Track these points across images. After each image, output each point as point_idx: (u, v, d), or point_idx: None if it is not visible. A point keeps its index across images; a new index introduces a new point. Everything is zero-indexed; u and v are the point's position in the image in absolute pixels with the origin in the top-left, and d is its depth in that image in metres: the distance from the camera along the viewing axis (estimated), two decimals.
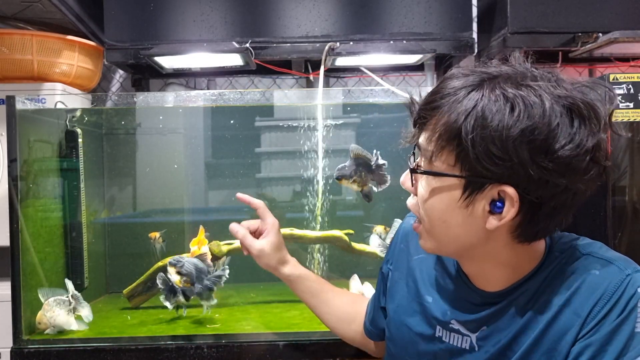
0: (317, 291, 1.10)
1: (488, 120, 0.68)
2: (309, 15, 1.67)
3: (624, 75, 1.28)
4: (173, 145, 1.92)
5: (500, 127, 0.68)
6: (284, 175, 1.86)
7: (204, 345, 1.29)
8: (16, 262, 1.37)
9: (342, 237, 1.60)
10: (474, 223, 0.75)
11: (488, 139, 0.68)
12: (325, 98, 1.57)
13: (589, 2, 1.66)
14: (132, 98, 1.59)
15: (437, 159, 0.74)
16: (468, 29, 1.70)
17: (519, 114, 0.68)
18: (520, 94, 0.69)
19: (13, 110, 1.39)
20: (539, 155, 0.68)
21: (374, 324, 1.04)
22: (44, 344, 1.33)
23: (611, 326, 0.71)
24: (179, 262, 1.38)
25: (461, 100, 0.71)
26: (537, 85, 0.70)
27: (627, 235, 1.50)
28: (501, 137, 0.67)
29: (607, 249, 0.80)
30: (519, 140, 0.67)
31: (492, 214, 0.73)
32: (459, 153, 0.71)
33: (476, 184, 0.72)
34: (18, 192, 1.39)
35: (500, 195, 0.72)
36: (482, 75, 0.73)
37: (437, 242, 0.80)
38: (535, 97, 0.69)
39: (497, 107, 0.68)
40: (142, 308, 1.62)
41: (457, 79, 0.74)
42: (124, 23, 1.67)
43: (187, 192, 1.93)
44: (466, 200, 0.73)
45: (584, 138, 0.69)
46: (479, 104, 0.69)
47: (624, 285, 0.73)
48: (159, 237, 1.73)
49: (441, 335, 0.87)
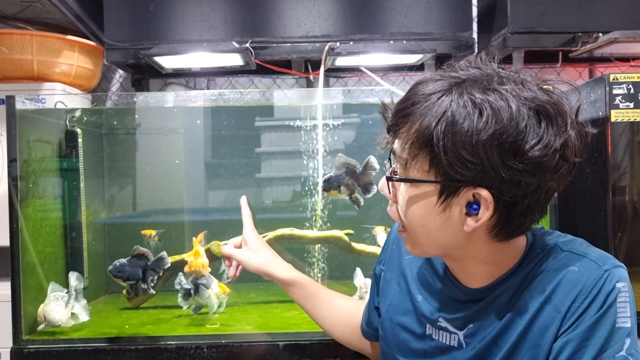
0: (311, 295, 1.11)
1: (458, 126, 0.70)
2: (309, 15, 1.67)
3: (624, 75, 1.28)
4: (173, 145, 1.92)
5: (469, 132, 0.69)
6: (284, 175, 1.86)
7: (204, 345, 1.29)
8: (16, 262, 1.37)
9: (342, 237, 1.60)
10: (452, 226, 0.77)
11: (459, 144, 0.70)
12: (325, 98, 1.57)
13: (589, 2, 1.66)
14: (132, 98, 1.59)
15: (411, 166, 0.76)
16: (468, 29, 1.70)
17: (487, 118, 0.69)
18: (487, 98, 0.70)
19: (13, 110, 1.39)
20: (509, 157, 0.70)
21: (369, 324, 1.06)
22: (44, 344, 1.33)
23: (591, 321, 0.73)
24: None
25: (431, 106, 0.72)
26: (504, 89, 0.71)
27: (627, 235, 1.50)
28: (471, 142, 0.69)
29: (588, 245, 0.82)
30: (489, 144, 0.69)
31: (468, 216, 0.75)
32: (432, 159, 0.73)
33: (451, 188, 0.74)
34: (18, 192, 1.39)
35: (475, 198, 0.74)
36: (450, 80, 0.74)
37: (420, 245, 0.82)
38: (502, 101, 0.70)
39: (465, 113, 0.70)
40: (142, 308, 1.62)
41: (427, 84, 0.75)
42: (124, 23, 1.67)
43: (187, 192, 1.93)
44: (442, 204, 0.75)
45: (552, 138, 0.71)
46: (448, 109, 0.71)
47: (602, 281, 0.74)
48: (155, 235, 1.72)
49: (431, 333, 0.89)
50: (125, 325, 1.46)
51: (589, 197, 1.37)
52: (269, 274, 1.10)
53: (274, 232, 1.59)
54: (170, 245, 1.75)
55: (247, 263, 1.10)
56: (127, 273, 1.37)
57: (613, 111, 1.28)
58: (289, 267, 1.12)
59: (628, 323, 0.73)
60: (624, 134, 1.58)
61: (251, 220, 1.15)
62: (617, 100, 1.28)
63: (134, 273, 1.38)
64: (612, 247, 1.28)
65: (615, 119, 1.28)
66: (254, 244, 1.11)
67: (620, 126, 1.54)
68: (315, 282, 1.13)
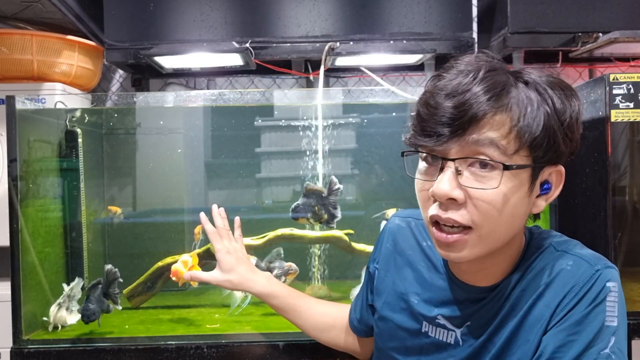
0: (290, 306, 1.11)
1: (562, 112, 0.77)
2: (309, 15, 1.67)
3: (624, 75, 1.28)
4: (173, 145, 1.91)
5: (570, 115, 0.77)
6: (284, 175, 1.85)
7: (204, 345, 1.29)
8: (16, 262, 1.37)
9: (342, 237, 1.60)
10: (528, 209, 0.80)
11: (565, 128, 0.77)
12: (325, 98, 1.57)
13: (589, 2, 1.66)
14: (132, 98, 1.59)
15: (516, 154, 0.75)
16: (468, 29, 1.70)
17: (573, 101, 0.78)
18: (559, 81, 0.79)
19: (13, 110, 1.39)
20: (579, 131, 0.80)
21: (362, 321, 1.06)
22: (43, 344, 1.33)
23: (579, 316, 0.75)
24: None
25: (524, 97, 0.76)
26: (547, 74, 0.80)
27: (627, 235, 1.50)
28: (573, 123, 0.78)
29: (582, 247, 0.83)
30: (577, 122, 0.79)
31: (539, 197, 0.80)
32: (532, 145, 0.76)
33: (539, 170, 0.78)
34: (18, 192, 1.38)
35: (548, 177, 0.80)
36: (506, 70, 0.79)
37: (491, 242, 0.78)
38: (559, 85, 0.79)
39: (561, 99, 0.77)
40: (142, 308, 1.62)
41: (494, 74, 0.77)
42: (124, 23, 1.67)
43: (187, 192, 1.93)
44: (529, 189, 0.78)
45: (578, 109, 0.80)
46: (548, 99, 0.77)
47: (594, 279, 0.76)
48: (120, 213, 1.76)
49: (427, 331, 0.90)
50: (125, 325, 1.46)
51: (589, 197, 1.37)
52: (249, 290, 1.12)
53: (274, 232, 1.59)
54: (171, 245, 1.75)
55: (223, 284, 1.12)
56: (91, 311, 1.37)
57: (613, 111, 1.28)
58: (265, 281, 1.12)
59: (615, 322, 0.75)
60: (624, 134, 1.58)
61: (219, 236, 1.14)
62: (617, 100, 1.28)
63: (97, 310, 1.38)
64: (612, 247, 1.28)
65: (615, 119, 1.28)
66: (226, 266, 1.11)
67: (620, 126, 1.54)
68: (295, 291, 1.13)
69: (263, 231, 1.60)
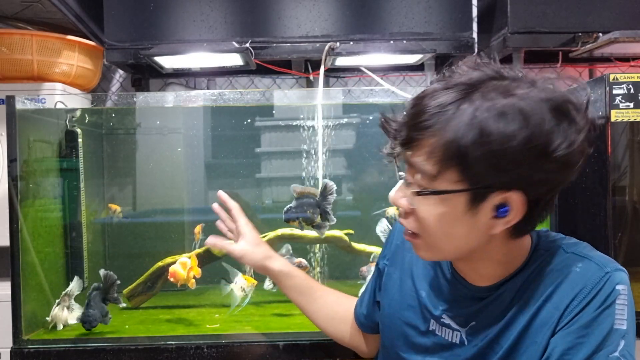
0: (305, 288, 1.11)
1: (488, 135, 0.69)
2: (309, 15, 1.67)
3: (624, 75, 1.28)
4: (173, 145, 1.92)
5: (501, 140, 0.69)
6: (284, 175, 1.85)
7: (204, 345, 1.29)
8: (16, 262, 1.37)
9: (342, 237, 1.60)
10: (477, 231, 0.77)
11: (491, 153, 0.70)
12: (325, 98, 1.56)
13: (589, 2, 1.66)
14: (132, 98, 1.59)
15: (440, 178, 0.74)
16: (468, 29, 1.70)
17: (515, 124, 0.69)
18: (510, 103, 0.70)
19: (13, 110, 1.39)
20: (540, 159, 0.71)
21: (369, 317, 1.06)
22: (44, 344, 1.33)
23: (588, 318, 0.74)
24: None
25: (452, 117, 0.71)
26: (522, 92, 0.72)
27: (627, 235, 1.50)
28: (504, 149, 0.69)
29: (591, 249, 0.82)
30: (521, 149, 0.69)
31: (496, 219, 0.75)
32: (463, 169, 0.72)
33: (481, 195, 0.74)
34: (18, 192, 1.38)
35: (503, 201, 0.74)
36: (462, 88, 0.73)
37: (440, 252, 0.82)
38: (525, 105, 0.70)
39: (493, 120, 0.69)
40: (142, 308, 1.62)
41: (437, 95, 0.74)
42: (124, 23, 1.67)
43: (187, 192, 1.93)
44: (470, 212, 0.75)
45: (574, 135, 0.71)
46: (475, 119, 0.70)
47: (603, 282, 0.75)
48: (119, 212, 1.76)
49: (434, 329, 0.90)
50: (125, 325, 1.46)
51: (589, 197, 1.37)
52: (266, 268, 1.11)
53: (274, 232, 1.59)
54: (171, 245, 1.75)
55: (248, 257, 1.11)
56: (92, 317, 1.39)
57: (613, 111, 1.28)
58: (284, 261, 1.13)
59: (624, 325, 0.74)
60: (624, 134, 1.58)
61: (243, 213, 1.15)
62: (617, 100, 1.28)
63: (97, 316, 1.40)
64: (612, 247, 1.28)
65: (615, 119, 1.28)
66: (253, 239, 1.12)
67: (620, 126, 1.54)
68: (311, 277, 1.14)
69: (263, 231, 1.60)
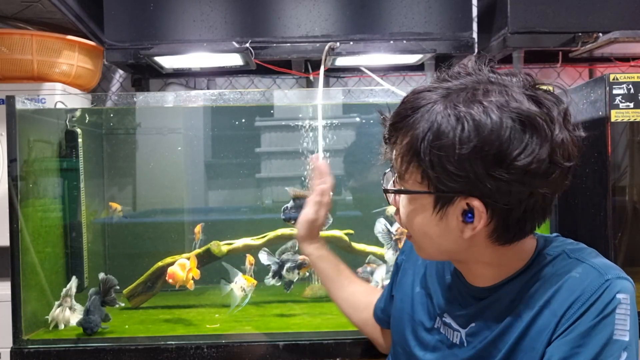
0: (337, 274, 1.14)
1: (441, 140, 0.71)
2: (309, 15, 1.67)
3: (624, 75, 1.28)
4: (173, 145, 1.92)
5: (452, 146, 0.70)
6: (284, 175, 1.85)
7: (204, 345, 1.29)
8: (16, 262, 1.37)
9: (342, 237, 1.60)
10: (451, 233, 0.77)
11: (443, 158, 0.71)
12: (325, 98, 1.56)
13: (589, 2, 1.66)
14: (132, 98, 1.59)
15: (407, 177, 0.77)
16: (468, 29, 1.70)
17: (468, 131, 0.70)
18: (469, 111, 0.70)
19: (13, 110, 1.39)
20: (494, 168, 0.70)
21: (385, 312, 1.07)
22: (44, 344, 1.33)
23: (585, 327, 0.72)
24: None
25: (420, 119, 0.73)
26: (488, 100, 0.71)
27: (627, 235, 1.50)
28: (454, 155, 0.70)
29: (597, 255, 0.80)
30: (472, 156, 0.70)
31: (465, 224, 0.76)
32: (423, 171, 0.74)
33: (445, 198, 0.75)
34: (18, 192, 1.38)
35: (469, 206, 0.74)
36: (441, 91, 0.75)
37: (425, 250, 0.85)
38: (483, 114, 0.70)
39: (448, 126, 0.70)
40: (142, 308, 1.62)
41: (423, 95, 0.75)
42: (124, 23, 1.67)
43: (187, 192, 1.93)
44: (439, 214, 0.76)
45: (536, 146, 0.70)
46: (434, 122, 0.71)
47: (602, 289, 0.73)
48: (119, 211, 1.77)
49: (439, 327, 0.91)
50: (125, 325, 1.46)
51: (589, 197, 1.37)
52: (304, 246, 1.15)
53: (274, 232, 1.59)
54: (171, 245, 1.75)
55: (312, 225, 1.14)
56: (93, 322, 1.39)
57: (613, 111, 1.28)
58: (322, 244, 1.17)
59: (626, 337, 0.71)
60: (624, 134, 1.58)
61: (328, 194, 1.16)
62: (617, 100, 1.28)
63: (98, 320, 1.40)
64: (612, 247, 1.28)
65: (615, 119, 1.28)
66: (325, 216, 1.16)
67: (620, 126, 1.54)
68: (343, 264, 1.17)
69: (263, 231, 1.60)
